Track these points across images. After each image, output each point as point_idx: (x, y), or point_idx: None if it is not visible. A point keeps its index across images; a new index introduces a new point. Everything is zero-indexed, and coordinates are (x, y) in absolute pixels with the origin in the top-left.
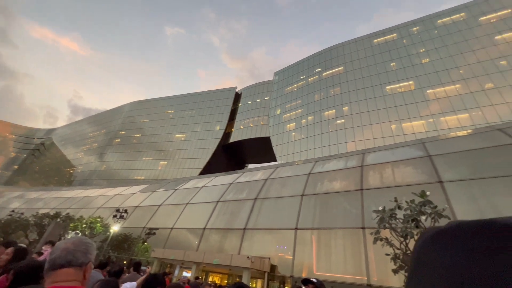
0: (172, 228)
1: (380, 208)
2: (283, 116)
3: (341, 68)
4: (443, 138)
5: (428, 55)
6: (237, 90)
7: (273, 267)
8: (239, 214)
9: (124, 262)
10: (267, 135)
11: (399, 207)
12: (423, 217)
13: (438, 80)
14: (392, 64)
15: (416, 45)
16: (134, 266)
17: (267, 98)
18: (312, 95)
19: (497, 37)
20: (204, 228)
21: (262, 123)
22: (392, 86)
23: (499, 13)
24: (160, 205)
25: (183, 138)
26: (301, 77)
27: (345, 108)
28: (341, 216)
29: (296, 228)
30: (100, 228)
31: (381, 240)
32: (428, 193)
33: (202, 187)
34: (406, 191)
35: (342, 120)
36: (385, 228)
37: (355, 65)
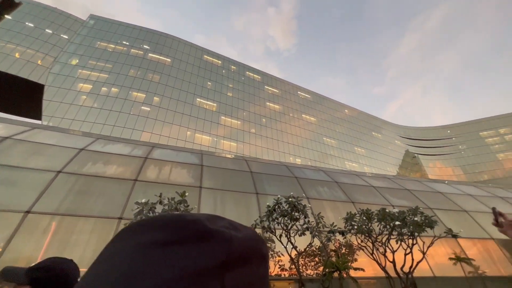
0: None
1: (144, 200)
2: (80, 71)
3: (169, 60)
4: (216, 155)
5: (232, 91)
6: None
7: None
8: None
9: None
10: (42, 82)
11: (161, 202)
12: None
13: (230, 112)
14: (209, 83)
15: (229, 79)
16: None
17: (65, 36)
18: (127, 68)
19: (267, 103)
20: None
21: (39, 62)
22: (201, 100)
23: (274, 90)
24: None
25: None
26: (124, 42)
27: (157, 99)
28: (101, 204)
29: (27, 212)
30: None
31: None
32: (187, 193)
33: None
34: (173, 189)
35: (149, 109)
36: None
37: (182, 65)
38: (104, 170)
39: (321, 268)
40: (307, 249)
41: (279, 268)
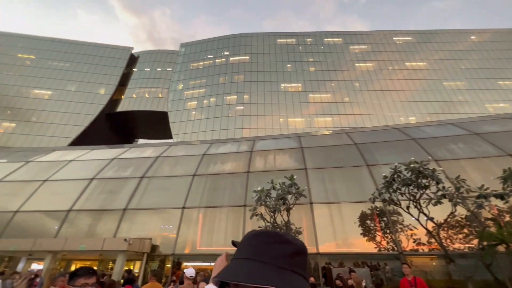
0: (16, 212)
1: (259, 188)
2: (185, 92)
3: (247, 57)
4: (313, 135)
5: (314, 65)
6: (133, 51)
7: (154, 247)
8: (120, 194)
9: None
10: (165, 110)
11: (274, 188)
12: (289, 196)
13: (318, 88)
14: (288, 65)
15: (307, 54)
16: None
17: (169, 69)
18: (217, 77)
19: (356, 64)
20: (69, 210)
21: (160, 95)
22: (285, 84)
23: (360, 46)
24: None
25: (46, 97)
26: (209, 56)
27: (246, 96)
28: (228, 195)
29: (183, 207)
30: None
31: (256, 215)
32: (295, 177)
33: (71, 160)
34: (281, 175)
35: (242, 107)
36: (261, 205)
37: (260, 58)
38: (223, 168)
39: (475, 241)
40: (449, 219)
41: (413, 242)
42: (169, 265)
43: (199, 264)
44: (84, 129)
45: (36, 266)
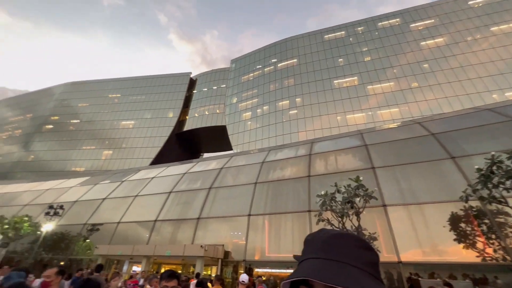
0: (118, 223)
1: (323, 192)
2: (239, 105)
3: (295, 60)
4: (378, 130)
5: (370, 54)
6: (191, 76)
7: (226, 253)
8: (193, 204)
9: (61, 263)
10: (223, 124)
11: (338, 191)
12: (357, 199)
13: (377, 77)
14: (340, 60)
15: (360, 44)
16: (96, 268)
17: (224, 86)
18: (267, 85)
19: (422, 43)
20: (155, 220)
21: (218, 111)
22: (339, 80)
23: (425, 22)
24: (104, 199)
25: (131, 126)
26: (258, 67)
27: (298, 99)
28: (290, 201)
29: (249, 215)
30: (28, 228)
31: (323, 221)
32: (361, 178)
33: (153, 177)
34: (345, 177)
35: (295, 111)
36: (326, 210)
37: (308, 58)
38: (283, 174)
39: None
40: None
41: None
42: (241, 271)
43: (269, 270)
44: (160, 149)
45: (136, 268)
